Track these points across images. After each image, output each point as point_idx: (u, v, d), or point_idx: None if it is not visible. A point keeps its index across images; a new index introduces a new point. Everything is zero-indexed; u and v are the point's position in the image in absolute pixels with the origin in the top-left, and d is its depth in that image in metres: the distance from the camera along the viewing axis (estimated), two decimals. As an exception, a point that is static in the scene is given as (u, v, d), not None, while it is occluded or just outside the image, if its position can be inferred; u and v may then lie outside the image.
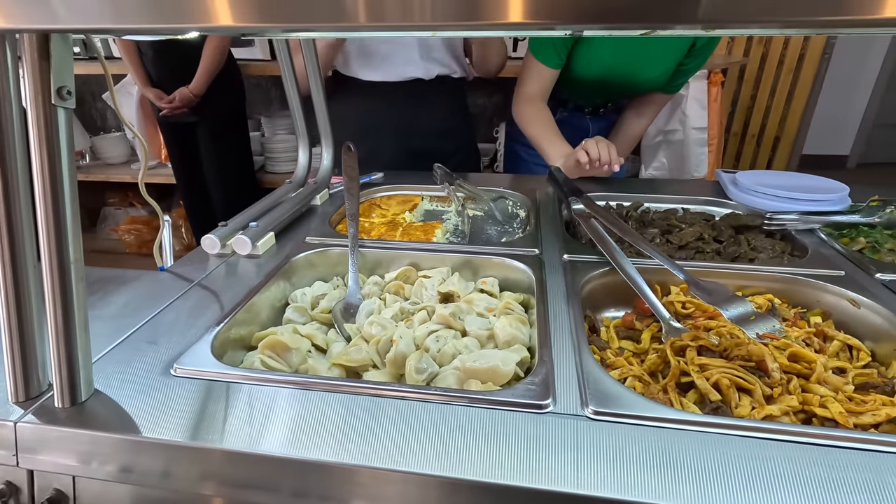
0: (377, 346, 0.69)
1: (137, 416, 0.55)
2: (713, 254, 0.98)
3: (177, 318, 0.73)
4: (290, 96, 1.16)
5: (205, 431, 0.52)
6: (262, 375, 0.60)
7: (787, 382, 0.64)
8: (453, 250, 0.93)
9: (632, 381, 0.66)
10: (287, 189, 1.19)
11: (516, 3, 0.43)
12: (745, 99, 3.29)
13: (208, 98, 2.44)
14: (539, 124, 1.41)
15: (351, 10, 0.42)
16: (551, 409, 0.56)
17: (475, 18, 0.46)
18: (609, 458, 0.50)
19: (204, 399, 0.57)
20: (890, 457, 0.49)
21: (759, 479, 0.47)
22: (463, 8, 0.43)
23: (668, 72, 1.41)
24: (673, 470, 0.48)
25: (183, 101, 2.37)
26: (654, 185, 1.38)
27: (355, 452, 0.50)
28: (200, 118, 2.49)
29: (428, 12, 0.42)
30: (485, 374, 0.62)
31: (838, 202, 1.05)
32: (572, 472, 0.48)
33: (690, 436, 0.52)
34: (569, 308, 0.75)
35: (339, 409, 0.55)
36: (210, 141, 2.60)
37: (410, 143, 1.50)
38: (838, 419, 0.58)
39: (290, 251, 0.93)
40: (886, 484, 0.46)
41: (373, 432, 0.52)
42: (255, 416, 0.54)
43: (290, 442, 0.51)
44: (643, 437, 0.52)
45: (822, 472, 0.47)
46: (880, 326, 0.73)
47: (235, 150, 2.72)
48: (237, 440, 0.51)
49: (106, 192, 3.65)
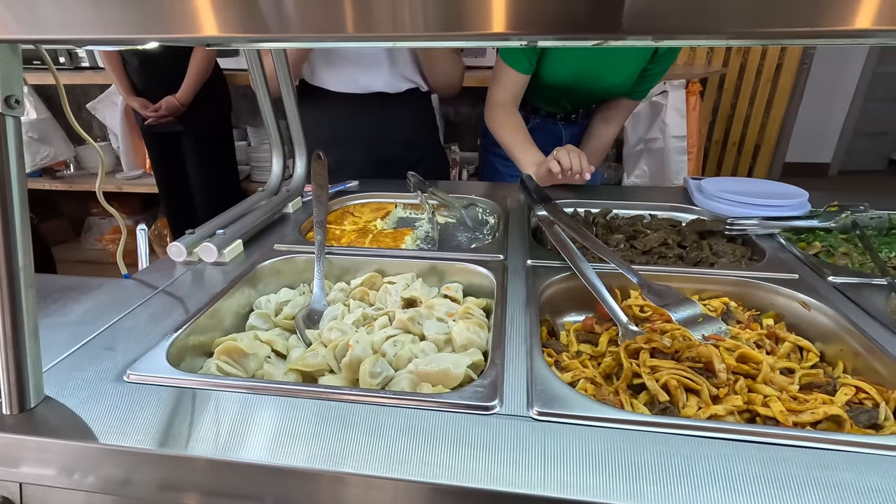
0: (334, 350, 0.69)
1: (86, 423, 0.55)
2: (675, 258, 1.00)
3: (136, 324, 0.73)
4: (263, 105, 1.17)
5: (152, 436, 0.53)
6: (213, 381, 0.60)
7: (733, 383, 0.65)
8: (419, 256, 0.94)
9: (583, 384, 0.68)
10: (260, 197, 1.20)
11: (472, 16, 0.45)
12: (726, 108, 3.35)
13: (195, 107, 2.44)
14: (511, 131, 1.43)
15: (309, 21, 0.44)
16: (497, 410, 0.57)
17: (436, 29, 0.48)
18: (551, 458, 0.50)
19: (154, 405, 0.57)
20: (823, 453, 0.51)
21: (698, 476, 0.48)
22: (419, 21, 0.45)
23: (633, 76, 1.44)
24: (612, 468, 0.49)
25: (169, 109, 2.37)
26: (623, 193, 1.40)
27: (300, 455, 0.50)
28: (186, 127, 2.49)
29: (380, 24, 0.44)
30: (436, 377, 0.62)
31: (798, 207, 1.07)
32: (514, 472, 0.49)
33: (634, 435, 0.54)
34: (526, 312, 0.76)
35: (287, 412, 0.56)
36: (195, 150, 2.60)
37: (378, 153, 1.51)
38: (779, 418, 0.59)
39: (256, 258, 0.94)
40: (817, 478, 0.47)
41: (319, 435, 0.53)
42: (203, 421, 0.55)
43: (232, 445, 0.51)
44: (586, 438, 0.53)
45: (758, 469, 0.49)
46: (829, 328, 0.75)
47: (221, 160, 2.72)
48: (181, 444, 0.52)
49: (90, 202, 3.64)
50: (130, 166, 3.22)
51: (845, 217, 0.98)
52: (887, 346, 0.67)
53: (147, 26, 0.47)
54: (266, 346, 0.74)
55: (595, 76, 1.41)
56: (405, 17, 0.47)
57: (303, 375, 0.69)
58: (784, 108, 3.24)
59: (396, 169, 1.36)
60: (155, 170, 2.75)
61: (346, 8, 0.49)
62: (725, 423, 0.57)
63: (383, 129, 1.50)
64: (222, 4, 0.49)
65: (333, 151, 1.49)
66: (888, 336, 0.69)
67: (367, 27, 0.51)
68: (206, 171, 2.65)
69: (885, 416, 0.59)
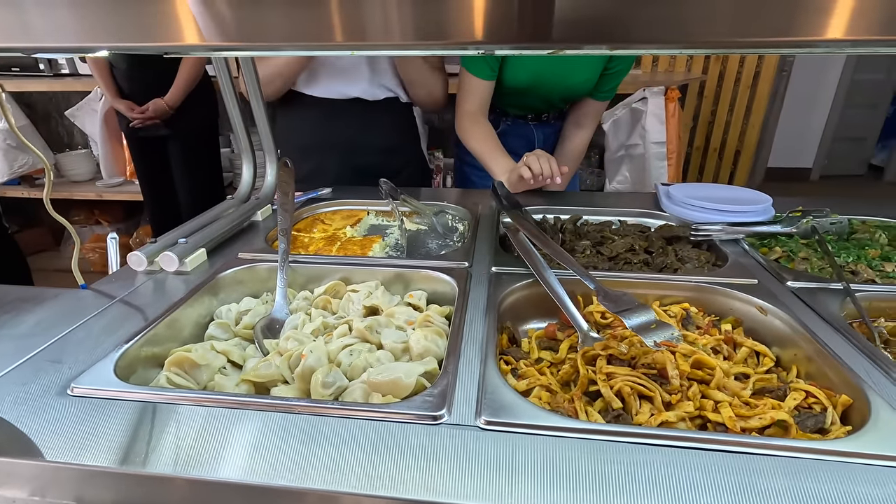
0: (288, 360, 0.69)
1: (29, 438, 0.53)
2: (641, 264, 1.00)
3: (87, 336, 0.72)
4: (231, 111, 1.16)
5: (90, 452, 0.52)
6: (158, 394, 0.59)
7: (687, 389, 0.66)
8: (384, 264, 0.94)
9: (538, 391, 0.67)
10: (229, 204, 1.19)
11: (430, 26, 0.45)
12: (706, 114, 3.39)
13: (182, 111, 2.43)
14: (482, 141, 1.44)
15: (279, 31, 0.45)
16: (445, 420, 0.56)
17: (398, 38, 0.49)
18: (495, 468, 0.50)
19: (96, 419, 0.56)
20: (765, 459, 0.51)
21: (640, 484, 0.48)
22: (379, 30, 0.46)
23: (594, 75, 1.46)
24: (557, 478, 0.49)
25: (157, 111, 2.35)
26: (594, 199, 1.41)
27: (236, 468, 0.49)
28: (173, 131, 2.47)
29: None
30: (386, 386, 0.62)
31: (762, 213, 1.08)
32: (456, 482, 0.49)
33: (581, 444, 0.53)
34: (486, 319, 0.76)
35: (230, 424, 0.55)
36: (181, 155, 2.58)
37: (355, 161, 1.51)
38: (727, 424, 0.59)
39: (219, 267, 0.93)
40: (755, 485, 0.47)
41: (260, 447, 0.52)
42: (142, 435, 0.54)
43: (168, 460, 0.50)
44: (533, 447, 0.53)
45: (699, 476, 0.49)
46: (784, 332, 0.76)
47: (206, 166, 2.70)
48: (120, 459, 0.51)
49: (71, 210, 3.60)
50: (110, 174, 3.20)
51: (806, 222, 0.99)
52: (838, 350, 0.67)
53: (104, 35, 0.47)
54: (222, 356, 0.73)
55: (555, 77, 1.43)
56: (364, 27, 0.48)
57: (256, 386, 0.68)
58: (763, 114, 3.29)
59: (376, 177, 1.35)
60: (139, 175, 2.72)
61: (298, 17, 0.49)
62: (672, 431, 0.57)
63: (361, 137, 1.49)
64: (177, 15, 0.49)
65: (311, 158, 1.49)
66: (840, 340, 0.70)
67: (318, 36, 0.51)
68: (191, 177, 2.62)
69: (832, 420, 0.59)
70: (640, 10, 0.42)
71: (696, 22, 0.44)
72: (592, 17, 0.44)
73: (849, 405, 0.60)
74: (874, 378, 0.62)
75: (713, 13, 0.44)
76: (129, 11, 0.51)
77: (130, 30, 0.52)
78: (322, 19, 0.48)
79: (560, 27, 0.45)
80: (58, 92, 3.32)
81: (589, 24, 0.46)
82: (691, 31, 0.45)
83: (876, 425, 0.54)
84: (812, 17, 0.39)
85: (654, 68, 3.30)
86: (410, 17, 0.49)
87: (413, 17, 0.49)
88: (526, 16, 0.45)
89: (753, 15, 0.42)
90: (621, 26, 0.46)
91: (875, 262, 0.90)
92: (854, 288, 0.81)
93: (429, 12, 0.48)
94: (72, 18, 0.51)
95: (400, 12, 0.48)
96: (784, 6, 0.40)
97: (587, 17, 0.44)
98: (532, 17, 0.45)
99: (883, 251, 0.94)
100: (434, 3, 0.44)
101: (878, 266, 0.89)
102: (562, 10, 0.43)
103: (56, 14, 0.47)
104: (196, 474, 0.49)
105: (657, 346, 0.64)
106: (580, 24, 0.46)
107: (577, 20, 0.45)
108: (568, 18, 0.45)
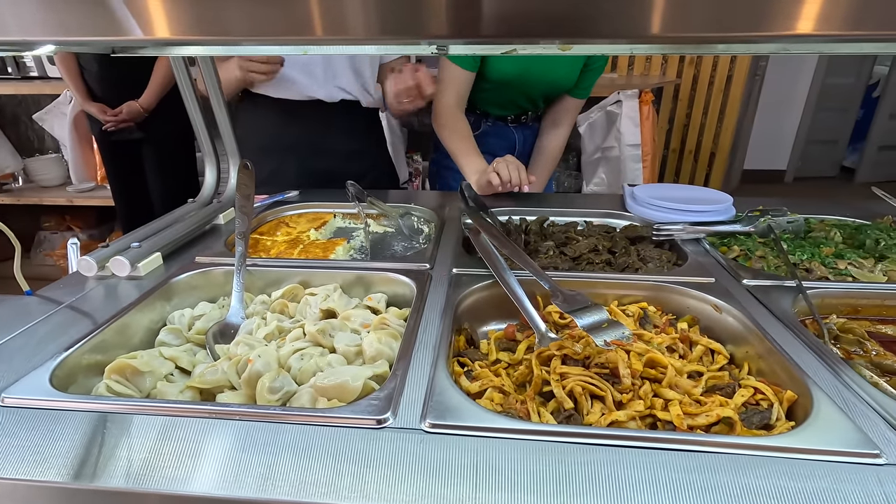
0: (236, 366, 0.67)
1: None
2: (603, 264, 1.00)
3: (27, 343, 0.70)
4: (192, 112, 1.14)
5: (16, 464, 0.49)
6: (94, 403, 0.57)
7: (638, 388, 0.66)
8: (343, 267, 0.93)
9: (490, 393, 0.67)
10: (190, 208, 1.16)
11: (387, 22, 0.45)
12: (681, 117, 3.45)
13: (156, 114, 2.36)
14: (459, 139, 1.44)
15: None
16: (390, 423, 0.55)
17: (349, 34, 0.48)
18: (437, 472, 0.49)
19: (28, 430, 0.54)
20: (708, 456, 0.51)
21: (585, 485, 0.47)
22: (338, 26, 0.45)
23: (576, 69, 1.49)
24: (499, 481, 0.48)
25: (131, 114, 2.28)
26: (561, 200, 1.41)
27: (170, 478, 0.48)
28: (147, 135, 2.41)
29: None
30: (333, 390, 0.61)
31: (723, 212, 1.09)
32: (397, 488, 0.47)
33: (527, 445, 0.53)
34: (441, 321, 0.75)
35: (167, 433, 0.53)
36: (155, 160, 2.51)
37: (316, 163, 1.49)
38: (675, 422, 0.59)
39: (174, 271, 0.91)
40: (696, 482, 0.47)
41: (196, 455, 0.50)
42: (74, 446, 0.52)
43: (101, 471, 0.49)
44: (477, 449, 0.52)
45: (645, 474, 0.48)
46: (738, 330, 0.76)
47: (181, 171, 2.64)
48: (45, 472, 0.49)
49: (41, 216, 3.51)
50: (80, 178, 3.12)
51: (763, 221, 1.00)
52: (787, 347, 0.68)
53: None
54: (169, 363, 0.71)
55: (539, 72, 1.45)
56: (315, 22, 0.47)
57: (202, 393, 0.66)
58: (736, 117, 3.35)
59: (338, 181, 1.34)
60: (111, 180, 2.65)
61: (250, 12, 0.48)
62: (621, 431, 0.57)
63: (321, 139, 1.47)
64: (119, 8, 0.48)
65: (271, 159, 1.46)
66: (789, 337, 0.71)
67: (269, 31, 0.50)
68: (164, 182, 2.56)
69: (777, 416, 0.60)
70: (598, 5, 0.42)
71: (646, 17, 0.45)
72: (547, 11, 0.44)
73: (794, 401, 0.61)
74: (819, 374, 0.62)
75: (668, 8, 0.44)
76: (70, 5, 0.50)
77: (72, 24, 0.51)
78: (274, 13, 0.48)
79: (514, 22, 0.44)
80: (27, 95, 3.23)
81: (544, 19, 0.46)
82: (644, 26, 0.46)
83: (816, 420, 0.54)
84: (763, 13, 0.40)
85: (630, 72, 3.34)
86: (361, 13, 0.48)
87: (364, 13, 0.48)
88: (480, 10, 0.45)
89: (710, 10, 0.42)
90: (577, 21, 0.45)
91: (829, 259, 0.92)
92: (806, 285, 0.82)
93: (382, 8, 0.48)
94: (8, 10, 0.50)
95: (352, 8, 0.47)
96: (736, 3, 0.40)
97: (541, 11, 0.44)
98: (485, 12, 0.44)
99: (837, 249, 0.95)
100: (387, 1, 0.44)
101: (831, 263, 0.91)
102: (516, 4, 0.43)
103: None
104: (123, 485, 0.47)
105: (607, 345, 0.64)
106: (535, 18, 0.46)
107: (531, 14, 0.45)
108: (523, 12, 0.45)
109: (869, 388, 0.59)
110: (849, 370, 0.63)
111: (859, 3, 0.41)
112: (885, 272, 0.87)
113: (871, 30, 0.42)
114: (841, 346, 0.75)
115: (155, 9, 0.47)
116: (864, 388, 0.59)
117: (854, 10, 0.41)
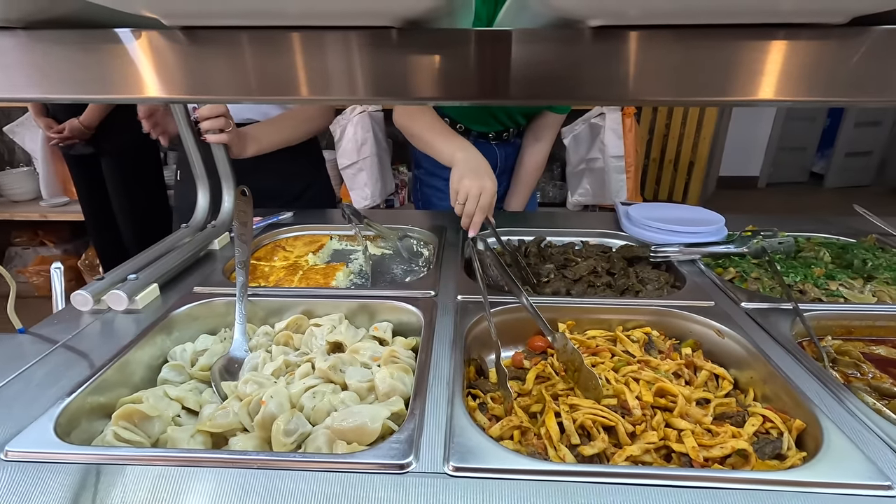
0: (247, 407, 0.66)
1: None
2: (604, 287, 1.02)
3: (25, 388, 0.67)
4: (184, 133, 1.12)
5: (25, 526, 0.47)
6: (103, 454, 0.55)
7: (650, 418, 0.67)
8: (347, 296, 0.92)
9: (509, 432, 0.67)
10: (184, 234, 1.14)
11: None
12: (661, 128, 3.53)
13: (108, 130, 2.30)
14: (429, 128, 1.37)
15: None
16: (413, 468, 0.55)
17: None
18: (464, 517, 0.49)
19: (34, 486, 0.52)
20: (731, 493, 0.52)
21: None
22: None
23: None
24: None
25: (73, 131, 2.23)
26: (556, 219, 1.43)
27: (192, 537, 0.46)
28: (98, 151, 2.35)
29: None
30: (351, 433, 0.60)
31: (715, 233, 1.12)
32: (425, 536, 0.47)
33: (551, 487, 0.53)
34: (452, 354, 0.75)
35: (184, 484, 0.52)
36: (116, 174, 2.44)
37: (251, 183, 1.38)
38: (691, 454, 0.60)
39: (173, 303, 0.88)
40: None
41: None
42: (87, 502, 0.50)
43: (120, 531, 0.47)
44: (501, 493, 0.52)
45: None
46: (741, 355, 0.78)
47: (147, 184, 2.55)
48: (59, 534, 0.47)
49: (12, 231, 3.38)
50: (52, 193, 3.02)
51: (756, 242, 1.03)
52: (790, 373, 0.70)
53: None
54: (175, 404, 0.69)
55: None
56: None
57: (213, 437, 0.65)
58: (713, 126, 3.45)
59: (274, 200, 1.35)
60: (79, 195, 2.59)
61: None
62: (640, 469, 0.57)
63: (257, 160, 1.38)
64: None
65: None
66: (790, 362, 0.73)
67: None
68: (129, 196, 2.49)
69: (788, 445, 0.61)
70: (584, 71, 0.43)
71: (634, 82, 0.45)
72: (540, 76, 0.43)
73: (802, 430, 0.63)
74: (825, 402, 0.64)
75: (654, 75, 0.44)
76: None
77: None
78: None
79: (510, 86, 0.44)
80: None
81: (535, 84, 0.45)
82: (631, 91, 0.45)
83: (828, 452, 0.56)
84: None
85: (611, 84, 3.41)
86: (346, 76, 0.47)
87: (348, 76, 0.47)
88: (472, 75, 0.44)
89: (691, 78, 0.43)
90: (568, 85, 0.45)
91: (820, 280, 0.95)
92: (802, 307, 0.85)
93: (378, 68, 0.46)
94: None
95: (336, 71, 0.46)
96: (718, 71, 0.41)
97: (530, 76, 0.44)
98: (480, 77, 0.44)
99: (827, 269, 0.99)
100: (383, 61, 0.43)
101: (823, 285, 0.94)
102: (512, 69, 0.43)
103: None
104: (145, 548, 0.45)
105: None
106: (525, 83, 0.45)
107: (523, 79, 0.44)
108: (514, 78, 0.44)
109: (872, 414, 0.62)
110: (851, 396, 0.65)
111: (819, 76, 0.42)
112: (874, 293, 0.91)
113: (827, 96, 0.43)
114: (839, 368, 0.77)
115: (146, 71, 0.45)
116: (868, 415, 0.61)
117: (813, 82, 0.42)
